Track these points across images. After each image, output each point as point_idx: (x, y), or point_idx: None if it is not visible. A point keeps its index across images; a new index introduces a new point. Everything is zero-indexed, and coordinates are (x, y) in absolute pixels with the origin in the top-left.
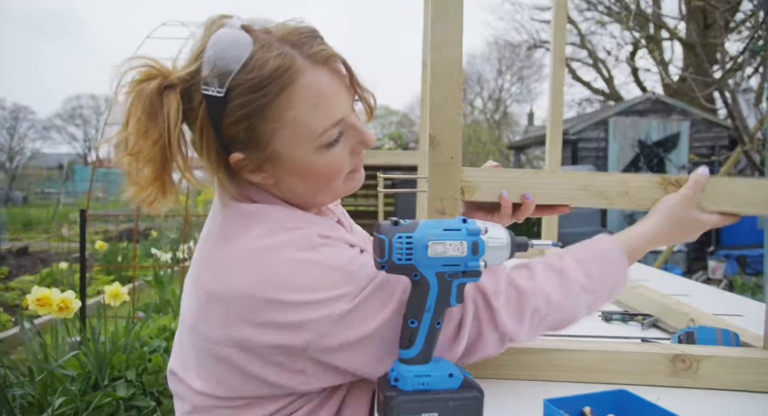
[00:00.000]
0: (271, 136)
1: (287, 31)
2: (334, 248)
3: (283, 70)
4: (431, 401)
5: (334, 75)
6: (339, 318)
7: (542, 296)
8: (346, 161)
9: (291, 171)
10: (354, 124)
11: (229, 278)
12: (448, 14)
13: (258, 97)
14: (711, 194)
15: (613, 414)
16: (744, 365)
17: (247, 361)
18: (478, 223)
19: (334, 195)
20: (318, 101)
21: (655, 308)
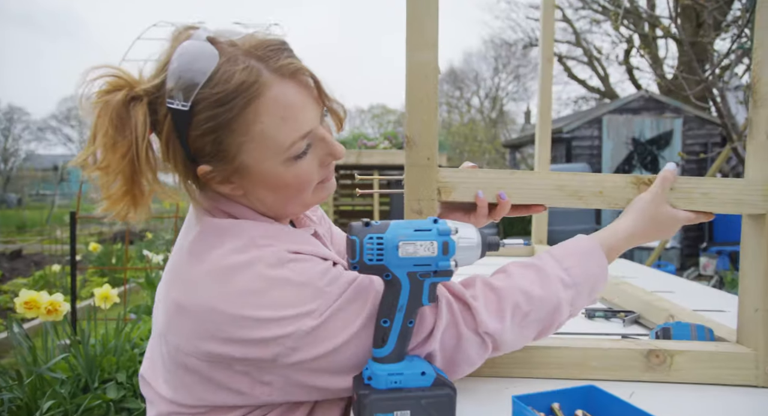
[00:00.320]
0: (239, 149)
1: (254, 44)
2: (304, 264)
3: (249, 85)
4: (404, 399)
5: (301, 88)
6: (307, 333)
7: (520, 292)
8: (315, 172)
9: (259, 183)
10: (323, 136)
11: (199, 293)
12: (423, 17)
13: (224, 112)
14: (684, 194)
15: (582, 410)
16: (717, 359)
17: (214, 372)
18: (448, 223)
19: (305, 206)
20: (285, 114)
21: (637, 304)
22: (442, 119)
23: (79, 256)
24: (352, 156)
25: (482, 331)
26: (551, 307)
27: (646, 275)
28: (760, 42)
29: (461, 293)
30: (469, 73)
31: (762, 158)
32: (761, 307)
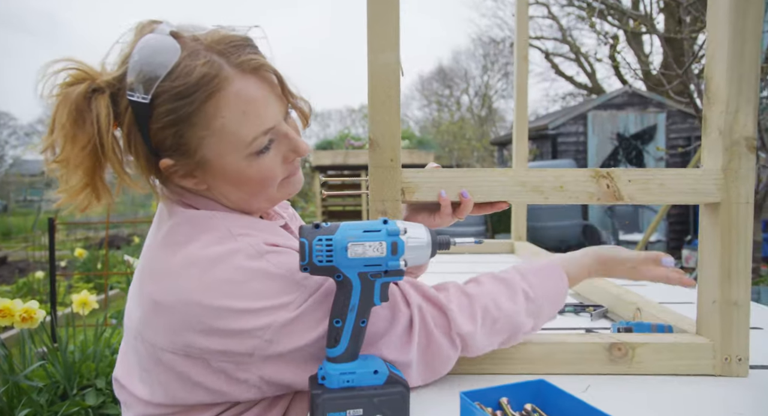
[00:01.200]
0: (200, 143)
1: (216, 39)
2: (282, 256)
3: (209, 78)
4: (356, 398)
5: (263, 84)
6: (283, 325)
7: (490, 298)
8: (278, 168)
9: (222, 178)
10: (285, 132)
11: (176, 286)
12: (384, 19)
13: (184, 105)
14: (641, 186)
15: (531, 403)
16: (676, 350)
17: (191, 368)
18: (398, 223)
19: (271, 201)
20: (247, 109)
21: (607, 298)
22: (432, 117)
23: (65, 262)
24: (340, 156)
25: (455, 333)
26: (516, 318)
27: None
28: (711, 41)
29: (435, 296)
30: (458, 71)
31: (715, 153)
32: (718, 298)
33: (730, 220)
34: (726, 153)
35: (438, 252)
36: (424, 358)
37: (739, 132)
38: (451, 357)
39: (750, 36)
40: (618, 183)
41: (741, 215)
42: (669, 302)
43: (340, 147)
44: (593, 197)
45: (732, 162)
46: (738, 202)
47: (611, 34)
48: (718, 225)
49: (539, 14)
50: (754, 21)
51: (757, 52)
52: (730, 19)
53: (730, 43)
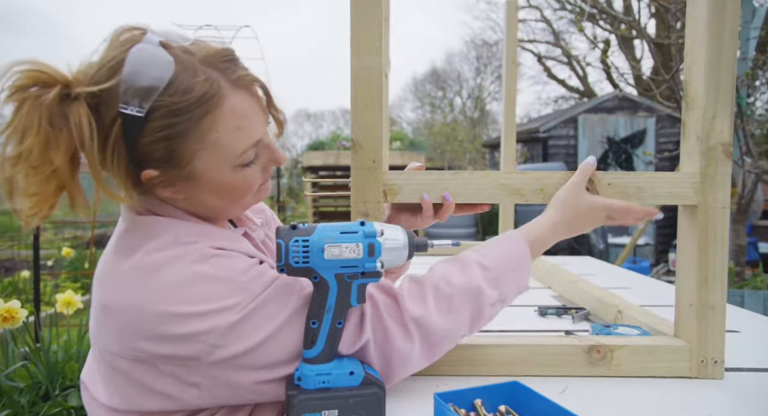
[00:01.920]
0: (192, 156)
1: (209, 53)
2: (227, 260)
3: (209, 97)
4: (331, 398)
5: (253, 98)
6: (228, 328)
7: (441, 277)
8: (257, 178)
9: (206, 188)
10: (268, 144)
11: (123, 292)
12: (367, 21)
13: (182, 121)
14: (619, 190)
15: (505, 405)
16: (655, 352)
17: (142, 373)
18: (375, 225)
19: (244, 207)
20: (240, 124)
21: (590, 301)
22: (425, 119)
23: (51, 261)
24: (331, 157)
25: (407, 318)
26: (473, 289)
27: (607, 273)
28: (690, 48)
29: (387, 285)
30: (451, 73)
31: (693, 157)
32: (695, 301)
33: (707, 224)
34: (703, 158)
35: (416, 254)
36: (383, 353)
37: (716, 138)
38: (409, 351)
39: (727, 45)
40: (598, 186)
41: (717, 219)
42: (650, 305)
43: (332, 148)
44: None
45: (709, 167)
46: (714, 206)
47: (603, 38)
48: (695, 229)
49: (532, 17)
50: (730, 30)
51: (734, 60)
52: (708, 28)
53: (707, 51)
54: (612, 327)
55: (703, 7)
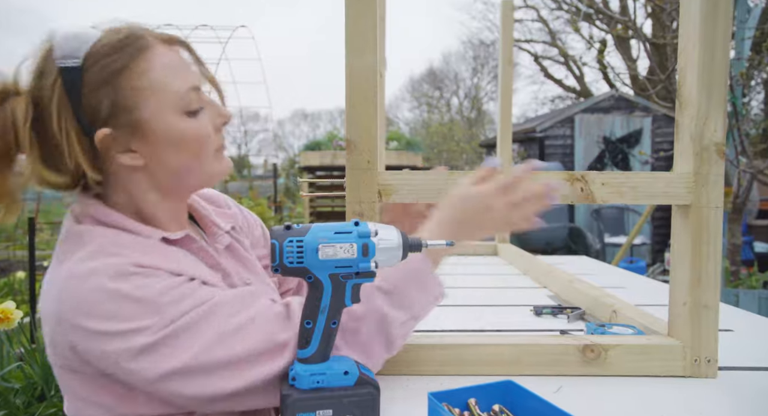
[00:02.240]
0: (135, 100)
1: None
2: (146, 279)
3: (135, 38)
4: (326, 398)
5: (182, 55)
6: (140, 351)
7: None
8: (211, 133)
9: (161, 141)
10: (209, 100)
11: (48, 299)
12: (361, 21)
13: (114, 60)
14: (614, 189)
15: (499, 404)
16: (648, 352)
17: (77, 382)
18: (369, 225)
19: (209, 176)
20: (174, 66)
21: (585, 300)
22: (422, 119)
23: (47, 262)
24: (328, 157)
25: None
26: (377, 318)
27: (603, 272)
28: (683, 48)
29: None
30: (448, 73)
31: (686, 157)
32: (688, 300)
33: (700, 224)
34: (696, 158)
35: (410, 254)
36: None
37: (709, 138)
38: None
39: (719, 46)
40: (592, 186)
41: (711, 219)
42: (645, 305)
43: (329, 148)
44: (567, 199)
45: (702, 167)
46: (708, 206)
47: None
48: (688, 228)
49: (529, 17)
50: (723, 31)
51: (727, 61)
52: (701, 29)
53: (700, 52)
54: (607, 326)
55: (695, 8)
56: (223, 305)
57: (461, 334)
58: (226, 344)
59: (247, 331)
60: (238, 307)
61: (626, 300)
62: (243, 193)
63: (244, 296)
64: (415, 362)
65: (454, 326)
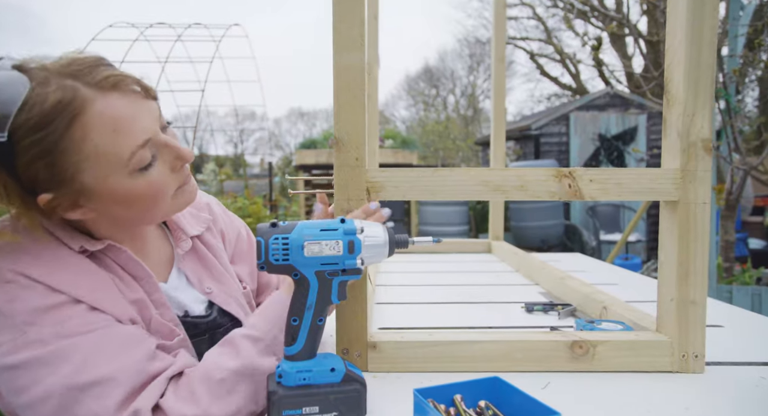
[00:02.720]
0: (76, 169)
1: (65, 63)
2: (20, 292)
3: (66, 103)
4: (312, 395)
5: (128, 96)
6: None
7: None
8: (167, 180)
9: (110, 201)
10: (165, 142)
11: None
12: (350, 18)
13: (47, 135)
14: (599, 185)
15: (485, 400)
16: (636, 347)
17: None
18: (356, 222)
19: (166, 214)
20: (117, 127)
21: (576, 297)
22: (419, 117)
23: None
24: (323, 155)
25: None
26: (246, 366)
27: (596, 269)
28: (670, 45)
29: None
30: (444, 71)
31: (674, 154)
32: (675, 296)
33: (688, 220)
34: (684, 154)
35: (396, 251)
36: None
37: (696, 134)
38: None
39: (706, 43)
40: (579, 182)
41: (698, 215)
42: (636, 301)
43: (325, 146)
44: (555, 196)
45: (689, 163)
46: (696, 202)
47: (594, 35)
48: (676, 225)
49: (524, 15)
50: (710, 28)
51: (713, 58)
52: (688, 27)
53: (687, 48)
54: (596, 322)
55: (682, 5)
56: (87, 350)
57: (451, 331)
58: (68, 401)
59: (98, 392)
60: (104, 356)
61: (617, 297)
62: (239, 192)
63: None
64: (405, 359)
65: (445, 323)
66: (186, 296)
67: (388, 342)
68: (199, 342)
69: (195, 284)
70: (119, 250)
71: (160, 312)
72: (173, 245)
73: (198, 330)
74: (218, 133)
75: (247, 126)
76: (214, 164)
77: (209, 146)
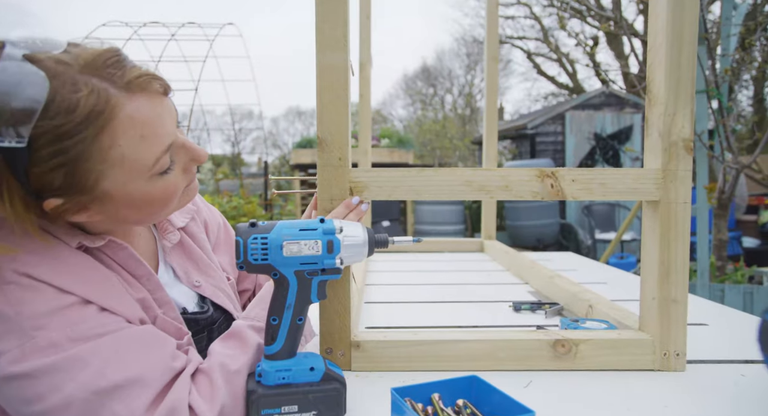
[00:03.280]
0: (98, 177)
1: (88, 59)
2: (26, 293)
3: (99, 112)
4: (291, 394)
5: (153, 98)
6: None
7: (224, 357)
8: (180, 181)
9: (123, 205)
10: (183, 143)
11: None
12: (333, 18)
13: (74, 144)
14: (583, 185)
15: (463, 399)
16: (618, 346)
17: None
18: (335, 222)
19: (169, 213)
20: (144, 132)
21: (564, 296)
22: (416, 116)
23: None
24: None
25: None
26: (257, 356)
27: (588, 268)
28: (652, 45)
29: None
30: (442, 70)
31: (655, 153)
32: (657, 295)
33: (669, 219)
34: (665, 154)
35: (377, 251)
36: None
37: (677, 134)
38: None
39: (687, 43)
40: (562, 183)
41: (679, 214)
42: (624, 300)
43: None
44: (537, 196)
45: (671, 163)
46: (676, 201)
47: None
48: (657, 224)
49: (521, 14)
50: (690, 28)
51: (693, 58)
52: (668, 27)
53: (667, 49)
54: (580, 321)
55: (662, 6)
56: (105, 354)
57: (435, 330)
58: (92, 409)
59: (123, 395)
60: (124, 359)
61: (604, 296)
62: (235, 191)
63: (137, 344)
64: (388, 358)
65: (433, 322)
66: (175, 292)
67: (371, 342)
68: (199, 339)
69: (182, 278)
70: (119, 246)
71: (164, 310)
72: (157, 239)
73: (198, 326)
74: (216, 132)
75: (245, 125)
76: (212, 163)
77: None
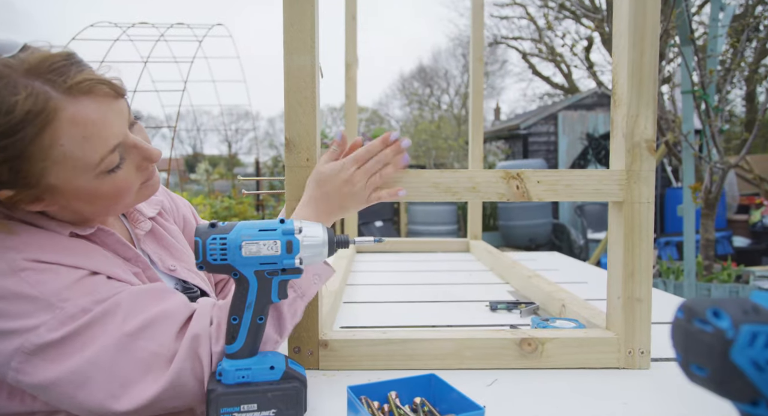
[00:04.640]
0: (41, 173)
1: (33, 63)
2: (41, 275)
3: (36, 113)
4: (250, 393)
5: (100, 100)
6: (35, 350)
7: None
8: (133, 179)
9: (74, 198)
10: (134, 144)
11: None
12: (300, 22)
13: (13, 142)
14: (548, 187)
15: (421, 397)
16: (584, 344)
17: None
18: (295, 222)
19: (128, 207)
20: (87, 133)
21: (540, 296)
22: (412, 116)
23: None
24: None
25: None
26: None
27: (570, 268)
28: (616, 47)
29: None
30: (438, 70)
31: (619, 154)
32: (622, 294)
33: (632, 219)
34: (628, 155)
35: (338, 250)
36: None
37: (640, 135)
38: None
39: (648, 44)
40: (527, 184)
41: (643, 214)
42: (600, 299)
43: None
44: (503, 197)
45: (634, 164)
46: (640, 202)
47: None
48: (621, 224)
49: (516, 14)
50: (651, 30)
51: (655, 60)
52: (629, 29)
53: (629, 51)
54: (550, 320)
55: (625, 8)
56: (126, 304)
57: (403, 329)
58: (125, 348)
59: (150, 333)
60: (143, 305)
61: (578, 295)
62: (229, 191)
63: (152, 293)
64: (357, 357)
65: (409, 322)
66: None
67: (339, 341)
68: None
69: (158, 264)
70: (107, 233)
71: None
72: (129, 229)
73: None
74: (213, 132)
75: (241, 126)
76: (207, 164)
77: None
